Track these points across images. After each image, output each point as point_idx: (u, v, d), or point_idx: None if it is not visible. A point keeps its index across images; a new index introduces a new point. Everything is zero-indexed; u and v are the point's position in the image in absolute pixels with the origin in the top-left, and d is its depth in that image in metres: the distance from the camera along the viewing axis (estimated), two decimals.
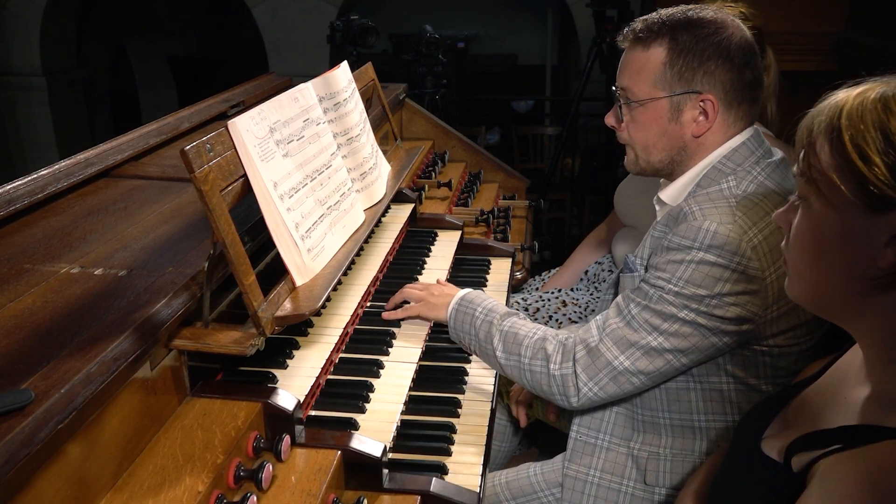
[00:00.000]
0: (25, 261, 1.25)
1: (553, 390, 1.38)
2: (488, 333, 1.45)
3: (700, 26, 1.34)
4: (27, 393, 0.86)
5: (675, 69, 1.34)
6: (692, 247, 1.27)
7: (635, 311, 1.31)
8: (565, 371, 1.36)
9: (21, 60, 6.59)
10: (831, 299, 0.88)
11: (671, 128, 1.38)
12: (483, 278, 1.95)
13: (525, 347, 1.40)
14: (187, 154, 1.11)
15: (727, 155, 1.36)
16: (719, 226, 1.26)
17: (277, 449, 1.11)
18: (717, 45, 1.32)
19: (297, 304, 1.27)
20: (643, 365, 1.31)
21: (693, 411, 1.40)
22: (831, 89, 0.86)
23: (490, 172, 2.75)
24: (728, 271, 1.25)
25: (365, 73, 2.11)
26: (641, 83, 1.37)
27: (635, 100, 1.39)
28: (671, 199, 1.42)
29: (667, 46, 1.34)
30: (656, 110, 1.37)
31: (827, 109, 0.84)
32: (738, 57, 1.33)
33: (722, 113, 1.35)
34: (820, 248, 0.86)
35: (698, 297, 1.26)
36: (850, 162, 0.79)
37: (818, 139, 0.83)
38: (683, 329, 1.28)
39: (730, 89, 1.34)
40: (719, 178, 1.35)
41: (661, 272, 1.30)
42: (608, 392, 1.35)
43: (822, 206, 0.84)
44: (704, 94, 1.34)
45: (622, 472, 1.45)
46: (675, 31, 1.34)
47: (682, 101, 1.35)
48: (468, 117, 6.73)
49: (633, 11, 4.27)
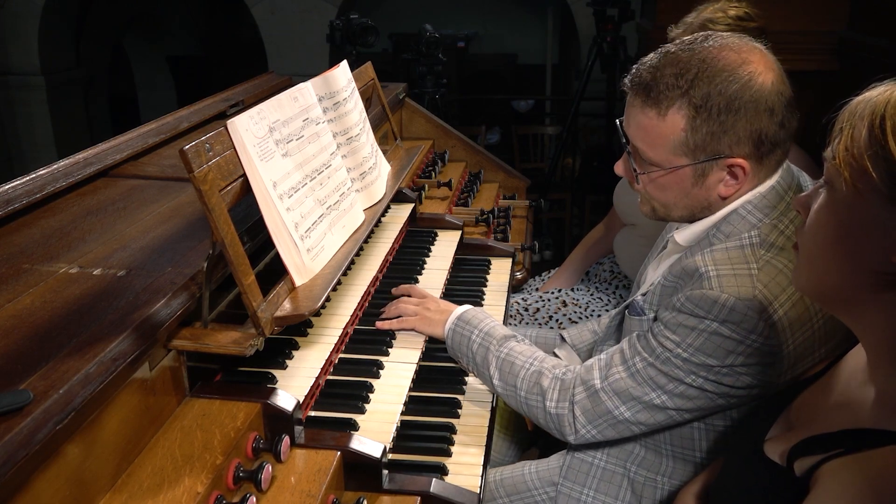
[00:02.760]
0: (24, 261, 1.25)
1: (549, 426, 1.37)
2: (485, 359, 1.44)
3: (722, 79, 1.15)
4: (26, 393, 0.86)
5: (699, 135, 1.18)
6: (706, 317, 1.18)
7: (640, 365, 1.26)
8: (561, 410, 1.34)
9: (20, 60, 6.59)
10: (839, 290, 0.87)
11: (695, 191, 1.24)
12: (483, 278, 1.94)
13: (521, 380, 1.39)
14: (186, 154, 1.11)
15: (753, 202, 1.23)
16: (737, 301, 1.15)
17: (277, 450, 1.11)
18: (745, 101, 1.15)
19: (297, 305, 1.27)
20: (644, 418, 1.29)
21: (696, 448, 1.38)
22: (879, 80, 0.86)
23: (490, 172, 2.75)
24: (742, 346, 1.18)
25: (364, 72, 2.11)
26: (660, 150, 1.22)
27: (653, 167, 1.25)
28: (687, 241, 1.31)
29: (686, 112, 1.18)
30: (678, 176, 1.23)
31: (873, 97, 0.83)
32: (769, 107, 1.16)
33: (753, 169, 1.21)
34: (837, 235, 0.85)
35: (707, 367, 1.20)
36: (886, 149, 0.79)
37: (858, 124, 0.82)
38: (689, 392, 1.24)
39: (760, 143, 1.18)
40: (741, 229, 1.22)
41: (671, 333, 1.22)
42: (606, 436, 1.33)
43: (847, 192, 0.83)
44: (734, 157, 1.19)
45: (616, 493, 1.43)
46: (694, 90, 1.17)
47: (707, 167, 1.21)
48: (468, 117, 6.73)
49: (634, 10, 4.27)
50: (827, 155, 0.87)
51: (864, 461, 0.78)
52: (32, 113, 6.70)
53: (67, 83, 6.88)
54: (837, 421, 0.88)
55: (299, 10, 6.50)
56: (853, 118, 0.83)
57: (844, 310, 0.89)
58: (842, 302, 0.88)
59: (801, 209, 0.93)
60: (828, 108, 0.91)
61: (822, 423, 0.90)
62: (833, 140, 0.86)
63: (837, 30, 2.82)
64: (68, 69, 6.92)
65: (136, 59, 8.98)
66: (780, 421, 1.02)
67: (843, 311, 0.89)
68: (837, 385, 0.97)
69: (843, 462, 0.80)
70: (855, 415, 0.86)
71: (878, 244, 0.80)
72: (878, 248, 0.81)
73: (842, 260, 0.85)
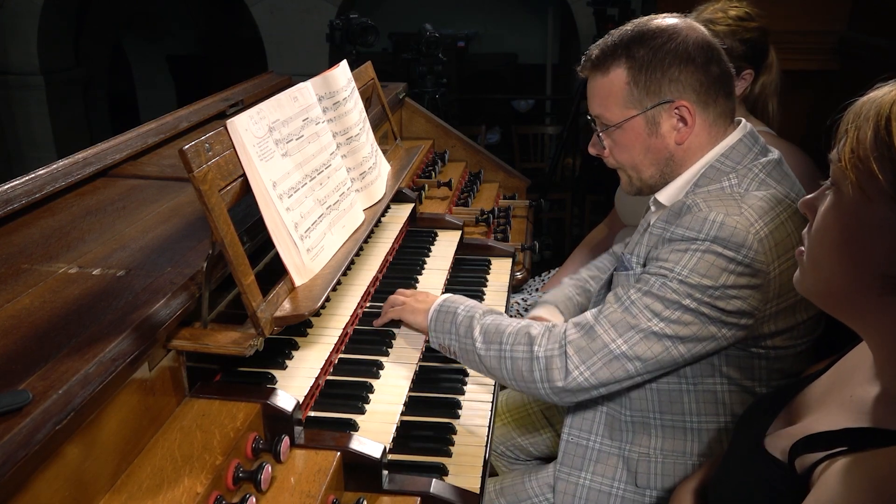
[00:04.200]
0: (23, 261, 1.25)
1: (535, 375, 1.32)
2: (469, 327, 1.41)
3: (653, 37, 1.33)
4: (25, 394, 0.85)
5: (640, 85, 1.34)
6: (697, 237, 1.25)
7: (635, 296, 1.28)
8: (550, 352, 1.31)
9: (19, 59, 6.59)
10: (844, 294, 0.87)
11: (653, 142, 1.37)
12: (483, 278, 1.94)
13: (507, 335, 1.36)
14: (186, 153, 1.11)
15: (724, 153, 1.35)
16: (726, 217, 1.24)
17: (276, 450, 1.11)
18: (674, 51, 1.32)
19: (297, 305, 1.27)
20: (641, 350, 1.27)
21: (686, 412, 1.39)
22: (883, 81, 0.85)
23: (490, 172, 2.74)
24: (734, 263, 1.23)
25: (364, 72, 2.11)
26: (612, 107, 1.37)
27: (611, 124, 1.39)
28: (668, 199, 1.39)
29: (625, 66, 1.34)
30: (634, 129, 1.37)
31: (878, 98, 0.83)
32: (699, 56, 1.32)
33: (700, 114, 1.34)
34: (844, 238, 0.84)
35: (702, 287, 1.24)
36: (893, 151, 0.78)
37: (864, 125, 0.82)
38: (685, 316, 1.26)
39: (700, 89, 1.33)
40: (719, 176, 1.33)
41: (664, 261, 1.27)
42: (599, 378, 1.29)
43: (854, 195, 0.82)
44: (677, 100, 1.33)
45: (613, 473, 1.44)
46: (630, 49, 1.34)
47: (656, 113, 1.35)
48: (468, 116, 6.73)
49: (634, 10, 4.27)
50: (833, 157, 0.87)
51: (867, 461, 0.78)
52: (31, 112, 6.70)
53: (67, 83, 6.88)
54: (840, 419, 0.87)
55: (299, 10, 6.50)
56: (858, 119, 0.83)
57: (850, 312, 0.88)
58: (848, 304, 0.88)
59: (807, 211, 0.93)
60: (828, 107, 0.91)
61: (824, 421, 0.90)
62: (838, 142, 0.86)
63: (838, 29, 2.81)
64: (67, 69, 6.91)
65: (136, 59, 8.98)
66: (781, 416, 1.02)
67: (848, 313, 0.89)
68: (839, 382, 0.96)
69: (846, 461, 0.80)
70: (858, 413, 0.86)
71: (885, 247, 0.80)
72: (885, 251, 0.80)
73: (848, 262, 0.84)
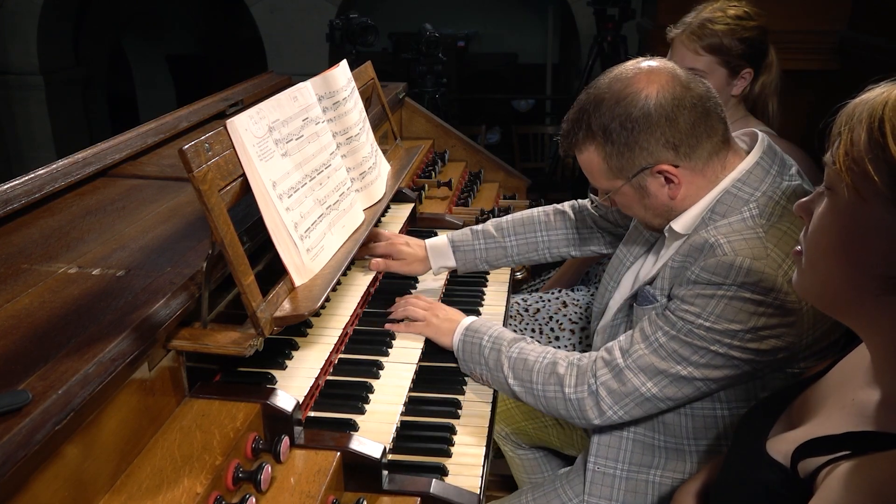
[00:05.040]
0: (23, 261, 1.25)
1: (570, 413, 1.35)
2: (497, 362, 1.42)
3: (612, 105, 1.28)
4: (24, 394, 0.85)
5: (613, 160, 1.31)
6: (724, 283, 1.21)
7: (663, 339, 1.27)
8: (581, 394, 1.33)
9: (18, 59, 6.58)
10: (843, 295, 0.86)
11: (648, 202, 1.35)
12: (483, 278, 1.94)
13: (536, 373, 1.37)
14: (186, 153, 1.11)
15: (742, 178, 1.29)
16: (753, 261, 1.20)
17: (276, 450, 1.11)
18: (637, 120, 1.26)
19: (296, 305, 1.27)
20: (671, 392, 1.28)
21: (721, 437, 1.37)
22: (875, 82, 0.85)
23: (490, 172, 2.74)
24: (763, 306, 1.20)
25: (364, 71, 2.11)
26: (599, 179, 1.37)
27: (606, 192, 1.39)
28: (684, 228, 1.34)
29: (592, 144, 1.32)
30: (626, 195, 1.36)
31: (871, 99, 0.82)
32: (661, 116, 1.25)
33: (685, 164, 1.29)
34: (841, 240, 0.84)
35: (731, 332, 1.21)
36: (887, 152, 0.78)
37: (857, 127, 0.81)
38: (715, 361, 1.24)
39: (677, 145, 1.27)
40: (738, 205, 1.28)
41: (689, 305, 1.24)
42: (633, 416, 1.32)
43: (850, 197, 0.82)
44: (654, 165, 1.29)
45: (644, 501, 1.42)
46: (591, 127, 1.30)
47: (640, 180, 1.32)
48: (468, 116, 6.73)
49: (635, 10, 4.27)
50: (827, 159, 0.87)
51: (869, 464, 0.78)
52: (31, 112, 6.70)
53: (66, 82, 6.87)
54: (842, 422, 0.87)
55: (299, 10, 6.50)
56: (851, 121, 0.82)
57: (849, 314, 0.88)
58: (846, 306, 0.87)
59: (802, 214, 0.92)
60: (829, 107, 0.90)
61: (826, 424, 0.89)
62: (832, 144, 0.85)
63: (838, 29, 2.81)
64: (67, 68, 6.91)
65: (136, 59, 8.98)
66: (782, 420, 1.02)
67: (847, 315, 0.89)
68: (839, 385, 0.96)
69: (849, 465, 0.79)
70: (860, 417, 0.86)
71: (882, 248, 0.80)
72: (882, 252, 0.80)
73: (846, 265, 0.84)
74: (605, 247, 1.82)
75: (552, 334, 2.07)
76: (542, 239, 1.82)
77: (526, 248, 1.81)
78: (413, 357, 1.50)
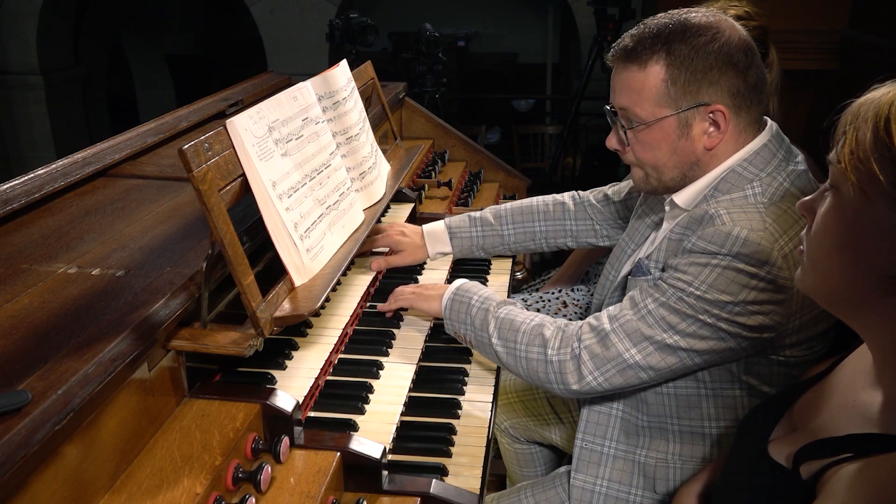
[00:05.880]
0: (22, 261, 1.24)
1: (550, 377, 1.32)
2: (484, 321, 1.40)
3: (696, 34, 1.27)
4: (24, 394, 0.85)
5: (678, 84, 1.27)
6: (719, 252, 1.21)
7: (652, 306, 1.26)
8: (563, 356, 1.31)
9: (18, 59, 6.58)
10: (846, 295, 0.86)
11: (682, 144, 1.31)
12: (483, 278, 1.94)
13: (521, 334, 1.36)
14: (185, 153, 1.10)
15: (748, 159, 1.30)
16: (750, 232, 1.20)
17: (276, 450, 1.10)
18: (717, 52, 1.25)
19: (296, 305, 1.27)
20: (654, 361, 1.26)
21: (704, 418, 1.37)
22: (879, 82, 0.85)
23: (490, 172, 2.74)
24: (756, 279, 1.20)
25: (364, 71, 2.10)
26: (644, 103, 1.30)
27: (639, 121, 1.32)
28: (686, 202, 1.35)
29: (665, 62, 1.27)
30: (664, 129, 1.30)
31: (876, 98, 0.82)
32: (740, 60, 1.26)
33: (733, 119, 1.29)
34: (844, 239, 0.84)
35: (721, 303, 1.21)
36: (893, 151, 0.78)
37: (862, 126, 0.81)
38: (702, 331, 1.23)
39: (737, 94, 1.27)
40: (742, 183, 1.29)
41: (683, 273, 1.24)
42: (612, 384, 1.29)
43: (854, 196, 0.82)
44: (713, 104, 1.27)
45: (630, 480, 1.42)
46: (671, 44, 1.27)
47: (690, 115, 1.29)
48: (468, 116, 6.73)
49: (635, 10, 4.27)
50: (831, 158, 0.86)
51: (872, 467, 0.77)
52: (30, 112, 6.69)
53: (66, 82, 6.87)
54: (844, 424, 0.87)
55: (299, 9, 6.50)
56: (856, 121, 0.82)
57: (851, 313, 0.88)
58: (849, 305, 0.87)
59: (806, 213, 0.92)
60: (829, 107, 0.90)
61: (828, 427, 0.89)
62: (837, 143, 0.85)
63: (839, 29, 2.81)
64: (66, 68, 6.91)
65: (135, 58, 8.98)
66: (784, 422, 1.02)
67: (849, 315, 0.88)
68: (841, 387, 0.96)
69: (852, 467, 0.79)
70: (862, 419, 0.86)
71: (886, 247, 0.80)
72: (886, 252, 0.80)
73: (849, 264, 0.84)
74: (601, 239, 1.83)
75: None
76: (539, 229, 1.83)
77: (523, 237, 1.83)
78: (413, 357, 1.50)
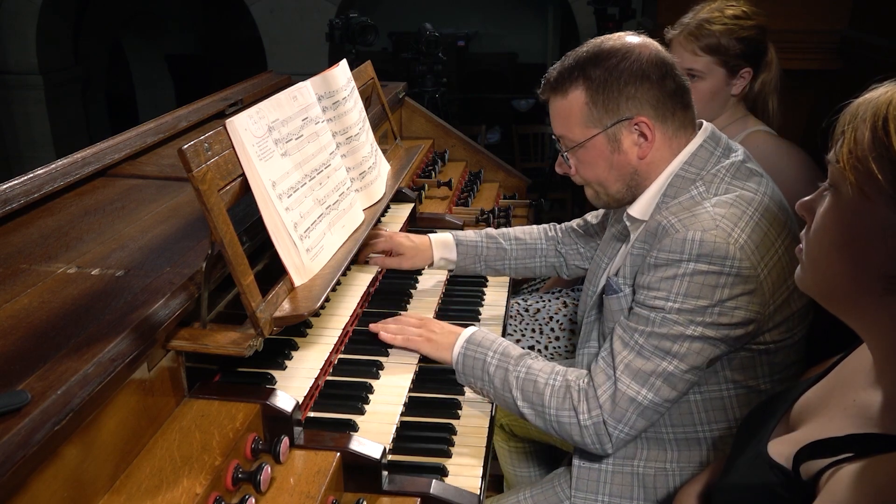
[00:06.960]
0: (22, 261, 1.24)
1: (586, 441, 1.33)
2: (504, 381, 1.39)
3: (608, 57, 1.36)
4: (23, 394, 0.85)
5: (598, 104, 1.36)
6: (681, 259, 1.26)
7: (642, 339, 1.28)
8: (596, 420, 1.31)
9: (17, 59, 6.58)
10: (845, 294, 0.86)
11: (616, 158, 1.39)
12: (483, 279, 1.94)
13: (548, 398, 1.35)
14: (185, 153, 1.10)
15: (687, 161, 1.37)
16: (704, 233, 1.25)
17: (276, 451, 1.10)
18: (629, 70, 1.34)
19: (296, 305, 1.26)
20: (667, 393, 1.28)
21: (696, 422, 1.39)
22: (878, 81, 0.85)
23: (490, 171, 2.74)
24: (723, 276, 1.24)
25: (364, 71, 2.10)
26: (574, 127, 1.40)
27: (574, 144, 1.41)
28: (641, 213, 1.41)
29: (583, 87, 1.37)
30: (596, 147, 1.39)
31: (875, 98, 0.82)
32: (653, 73, 1.35)
33: (659, 128, 1.36)
34: (843, 239, 0.84)
35: (700, 309, 1.25)
36: (891, 151, 0.78)
37: (861, 126, 0.81)
38: (694, 346, 1.26)
39: (657, 104, 1.35)
40: (686, 185, 1.36)
41: (656, 291, 1.28)
42: (638, 428, 1.31)
43: (853, 195, 0.82)
44: (635, 117, 1.35)
45: (630, 493, 1.43)
46: (586, 70, 1.36)
47: (616, 131, 1.37)
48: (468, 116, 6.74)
49: (635, 9, 4.27)
50: (830, 158, 0.87)
51: (873, 467, 0.77)
52: (30, 112, 6.70)
53: (65, 82, 6.87)
54: (844, 424, 0.87)
55: (298, 9, 6.50)
56: (855, 120, 0.82)
57: (851, 313, 0.88)
58: (848, 305, 0.87)
59: (805, 213, 0.92)
60: (829, 107, 0.90)
61: (828, 427, 0.89)
62: (835, 143, 0.85)
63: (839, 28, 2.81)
64: (66, 68, 6.91)
65: (135, 58, 8.98)
66: (783, 421, 1.02)
67: (849, 314, 0.88)
68: (841, 387, 0.96)
69: (853, 468, 0.79)
70: (862, 419, 0.85)
71: (885, 247, 0.80)
72: (885, 251, 0.80)
73: (848, 264, 0.84)
74: (587, 262, 1.88)
75: (552, 334, 2.07)
76: (540, 246, 1.90)
77: (524, 253, 1.88)
78: (413, 357, 1.50)
